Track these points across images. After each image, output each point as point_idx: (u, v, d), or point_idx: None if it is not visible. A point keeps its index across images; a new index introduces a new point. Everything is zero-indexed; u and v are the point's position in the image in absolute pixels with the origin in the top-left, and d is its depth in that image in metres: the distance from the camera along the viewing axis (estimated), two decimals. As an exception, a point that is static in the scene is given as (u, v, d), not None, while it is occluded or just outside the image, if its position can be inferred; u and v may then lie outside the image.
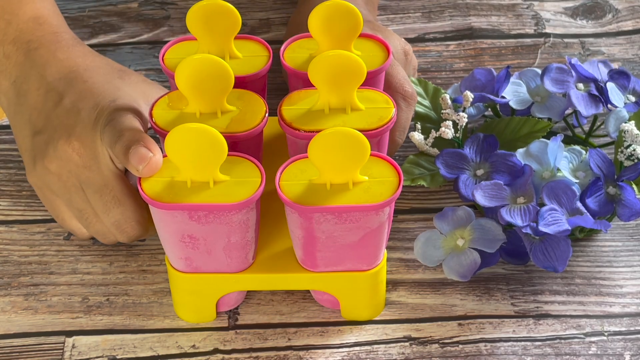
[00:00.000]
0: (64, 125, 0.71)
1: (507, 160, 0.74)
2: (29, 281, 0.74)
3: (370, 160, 0.66)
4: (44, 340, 0.71)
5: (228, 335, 0.71)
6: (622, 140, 0.75)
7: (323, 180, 0.65)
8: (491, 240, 0.72)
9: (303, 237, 0.66)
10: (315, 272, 0.69)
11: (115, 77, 0.75)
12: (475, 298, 0.73)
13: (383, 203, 0.64)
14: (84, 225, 0.73)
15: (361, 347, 0.70)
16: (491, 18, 0.95)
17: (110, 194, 0.70)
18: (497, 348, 0.69)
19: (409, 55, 0.81)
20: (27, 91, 0.75)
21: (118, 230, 0.72)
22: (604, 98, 0.79)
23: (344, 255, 0.67)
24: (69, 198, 0.72)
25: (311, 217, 0.64)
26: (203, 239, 0.66)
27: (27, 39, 0.76)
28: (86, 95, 0.72)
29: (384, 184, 0.65)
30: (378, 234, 0.66)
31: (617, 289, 0.73)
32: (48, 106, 0.73)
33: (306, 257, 0.68)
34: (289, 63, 0.73)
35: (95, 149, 0.70)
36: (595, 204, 0.72)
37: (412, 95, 0.76)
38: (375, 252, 0.68)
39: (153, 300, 0.73)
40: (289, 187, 0.65)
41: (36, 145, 0.73)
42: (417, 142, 0.78)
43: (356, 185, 0.65)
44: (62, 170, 0.71)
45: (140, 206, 0.71)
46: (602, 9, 0.96)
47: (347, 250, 0.67)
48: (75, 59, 0.75)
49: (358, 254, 0.67)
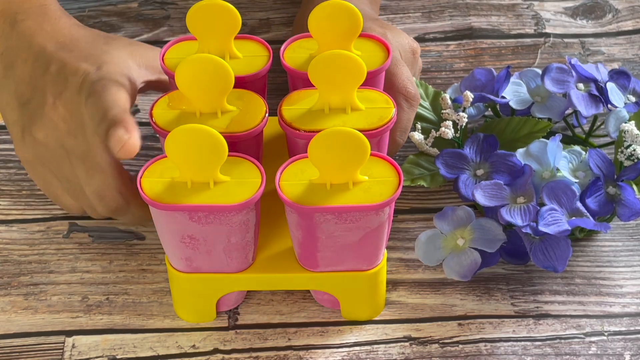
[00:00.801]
0: (51, 92, 0.72)
1: (507, 160, 0.74)
2: (28, 281, 0.74)
3: (370, 160, 0.66)
4: (44, 340, 0.71)
5: (228, 335, 0.71)
6: (622, 140, 0.75)
7: (323, 180, 0.65)
8: (491, 240, 0.72)
9: (303, 237, 0.66)
10: (315, 272, 0.69)
11: (101, 43, 0.75)
12: (475, 298, 0.73)
13: (383, 203, 0.64)
14: (73, 197, 0.73)
15: (361, 347, 0.70)
16: (491, 18, 0.95)
17: (92, 161, 0.71)
18: (497, 348, 0.69)
19: (416, 55, 0.80)
20: (14, 63, 0.75)
21: (99, 199, 0.72)
22: (604, 98, 0.79)
23: (344, 255, 0.67)
24: (58, 167, 0.72)
25: (311, 217, 0.64)
26: (203, 240, 0.66)
27: (14, 10, 0.76)
28: (72, 62, 0.73)
29: (384, 184, 0.65)
30: (378, 233, 0.66)
31: (617, 289, 0.73)
32: (35, 76, 0.73)
33: (306, 257, 0.68)
34: (289, 63, 0.73)
35: (79, 116, 0.70)
36: (595, 204, 0.72)
37: (414, 96, 0.76)
38: (376, 252, 0.68)
39: (153, 300, 0.73)
40: (289, 187, 0.65)
41: (24, 115, 0.73)
42: (417, 142, 0.78)
43: (356, 185, 0.65)
44: (49, 139, 0.71)
45: (123, 177, 0.72)
46: (602, 9, 0.96)
47: (347, 250, 0.67)
48: (62, 30, 0.76)
49: (358, 254, 0.67)
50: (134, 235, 0.77)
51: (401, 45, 0.78)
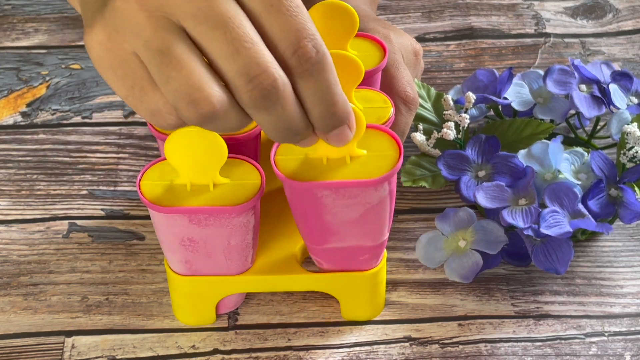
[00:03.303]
0: None
1: (508, 162, 0.74)
2: (28, 281, 0.74)
3: (369, 133, 0.64)
4: (44, 340, 0.70)
5: (228, 335, 0.71)
6: (625, 142, 0.75)
7: (318, 154, 0.63)
8: (493, 242, 0.72)
9: (303, 213, 0.65)
10: (320, 247, 0.67)
11: None
12: (475, 298, 0.73)
13: (381, 178, 0.62)
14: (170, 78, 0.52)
15: (361, 347, 0.70)
16: (491, 18, 0.95)
17: None
18: (498, 348, 0.69)
19: (418, 56, 0.79)
20: None
21: None
22: (607, 100, 0.79)
23: (348, 231, 0.65)
24: (152, 36, 0.51)
25: (307, 193, 0.63)
26: (203, 242, 0.66)
27: None
28: None
29: (384, 158, 0.63)
30: (380, 210, 0.64)
31: (617, 289, 0.73)
32: None
33: (309, 234, 0.66)
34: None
35: None
36: (597, 206, 0.72)
37: (413, 100, 0.75)
38: (380, 229, 0.66)
39: (153, 300, 0.73)
40: (285, 162, 0.63)
41: None
42: (419, 143, 0.78)
43: (354, 159, 0.63)
44: None
45: None
46: (603, 9, 0.96)
47: (349, 226, 0.65)
48: None
49: (361, 231, 0.66)
50: (133, 235, 0.77)
51: (403, 46, 0.78)
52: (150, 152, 0.83)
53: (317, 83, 0.53)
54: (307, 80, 0.53)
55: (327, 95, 0.54)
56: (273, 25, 0.52)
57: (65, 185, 0.81)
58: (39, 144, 0.84)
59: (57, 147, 0.84)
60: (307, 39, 0.52)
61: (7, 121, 0.86)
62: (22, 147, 0.84)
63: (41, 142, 0.84)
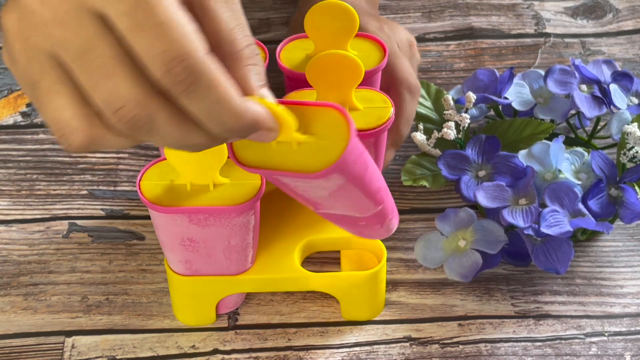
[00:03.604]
0: None
1: (509, 162, 0.74)
2: (28, 281, 0.74)
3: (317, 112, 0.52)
4: (44, 340, 0.70)
5: (228, 335, 0.71)
6: (625, 142, 0.75)
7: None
8: (493, 242, 0.72)
9: None
10: (319, 213, 0.62)
11: None
12: (475, 298, 0.73)
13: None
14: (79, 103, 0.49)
15: (361, 347, 0.70)
16: (491, 18, 0.95)
17: None
18: (498, 348, 0.69)
19: (414, 47, 0.81)
20: None
21: None
22: (607, 100, 0.79)
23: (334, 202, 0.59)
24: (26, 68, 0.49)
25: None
26: (203, 242, 0.66)
27: None
28: None
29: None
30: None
31: (617, 289, 0.73)
32: None
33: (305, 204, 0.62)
34: (285, 63, 0.73)
35: None
36: (597, 205, 0.72)
37: (416, 87, 0.77)
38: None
39: (153, 300, 0.73)
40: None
41: None
42: (419, 143, 0.78)
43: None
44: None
45: None
46: (603, 9, 0.96)
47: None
48: None
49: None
50: (133, 235, 0.77)
51: (399, 38, 0.79)
52: (150, 152, 0.82)
53: (200, 102, 0.47)
54: (188, 100, 0.47)
55: (216, 113, 0.48)
56: (140, 47, 0.47)
57: (65, 185, 0.81)
58: (39, 143, 0.84)
59: (57, 147, 0.84)
60: (175, 60, 0.46)
61: (7, 121, 0.86)
62: (22, 147, 0.84)
63: (41, 142, 0.84)
